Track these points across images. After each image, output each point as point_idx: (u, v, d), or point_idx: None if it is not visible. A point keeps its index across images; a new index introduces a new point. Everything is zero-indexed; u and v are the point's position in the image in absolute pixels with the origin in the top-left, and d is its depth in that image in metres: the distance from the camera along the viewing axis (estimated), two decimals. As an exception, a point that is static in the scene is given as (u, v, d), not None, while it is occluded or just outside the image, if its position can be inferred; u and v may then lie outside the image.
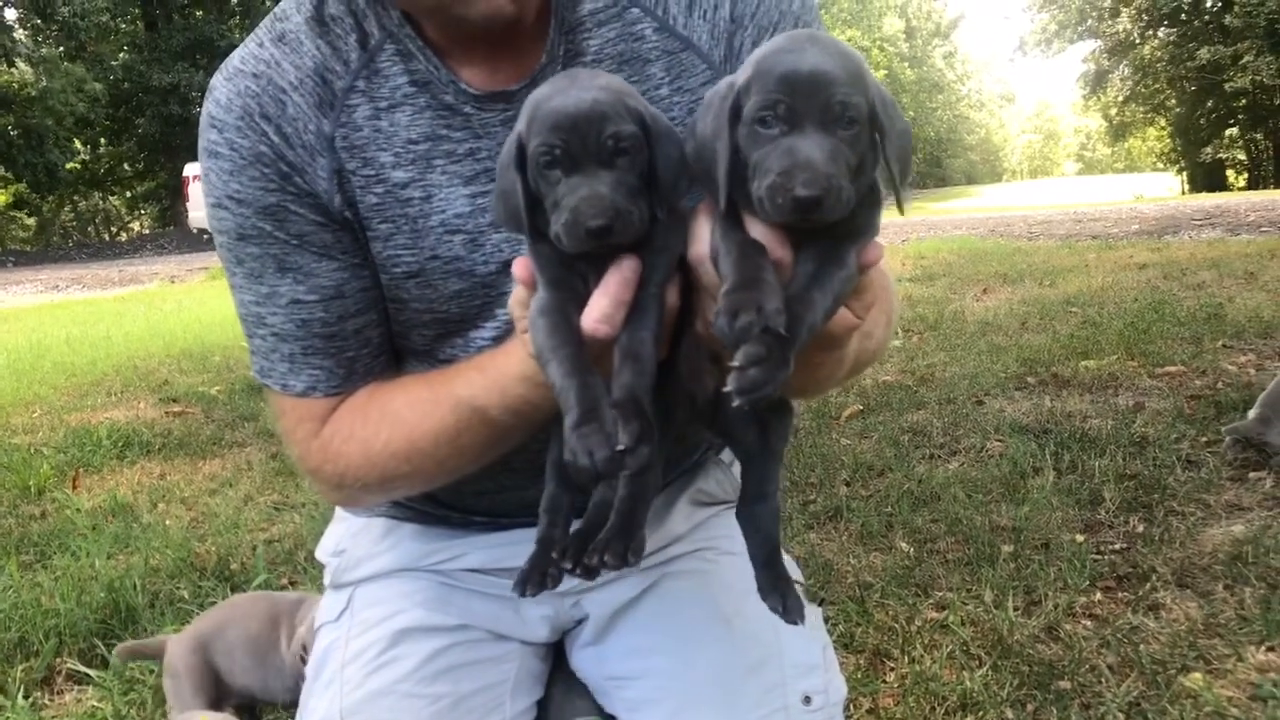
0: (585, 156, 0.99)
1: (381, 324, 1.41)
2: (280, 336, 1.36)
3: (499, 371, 1.22)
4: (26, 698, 2.28)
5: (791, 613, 1.14)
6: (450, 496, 1.56)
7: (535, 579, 1.15)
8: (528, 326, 1.08)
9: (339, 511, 1.75)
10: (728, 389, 0.89)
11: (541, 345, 1.04)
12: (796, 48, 0.95)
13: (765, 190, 0.91)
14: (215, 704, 1.96)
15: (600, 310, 1.00)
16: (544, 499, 1.19)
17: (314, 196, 1.32)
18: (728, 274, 0.95)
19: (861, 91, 0.93)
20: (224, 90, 1.31)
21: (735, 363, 0.89)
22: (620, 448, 0.93)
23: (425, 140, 1.32)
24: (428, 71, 1.30)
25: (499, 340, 1.38)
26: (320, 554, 1.73)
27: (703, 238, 1.04)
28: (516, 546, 1.59)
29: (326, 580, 1.69)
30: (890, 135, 0.97)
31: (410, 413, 1.33)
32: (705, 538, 1.63)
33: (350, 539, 1.67)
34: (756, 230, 0.98)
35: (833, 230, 0.96)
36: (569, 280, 1.04)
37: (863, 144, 0.95)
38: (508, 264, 1.36)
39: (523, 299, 1.10)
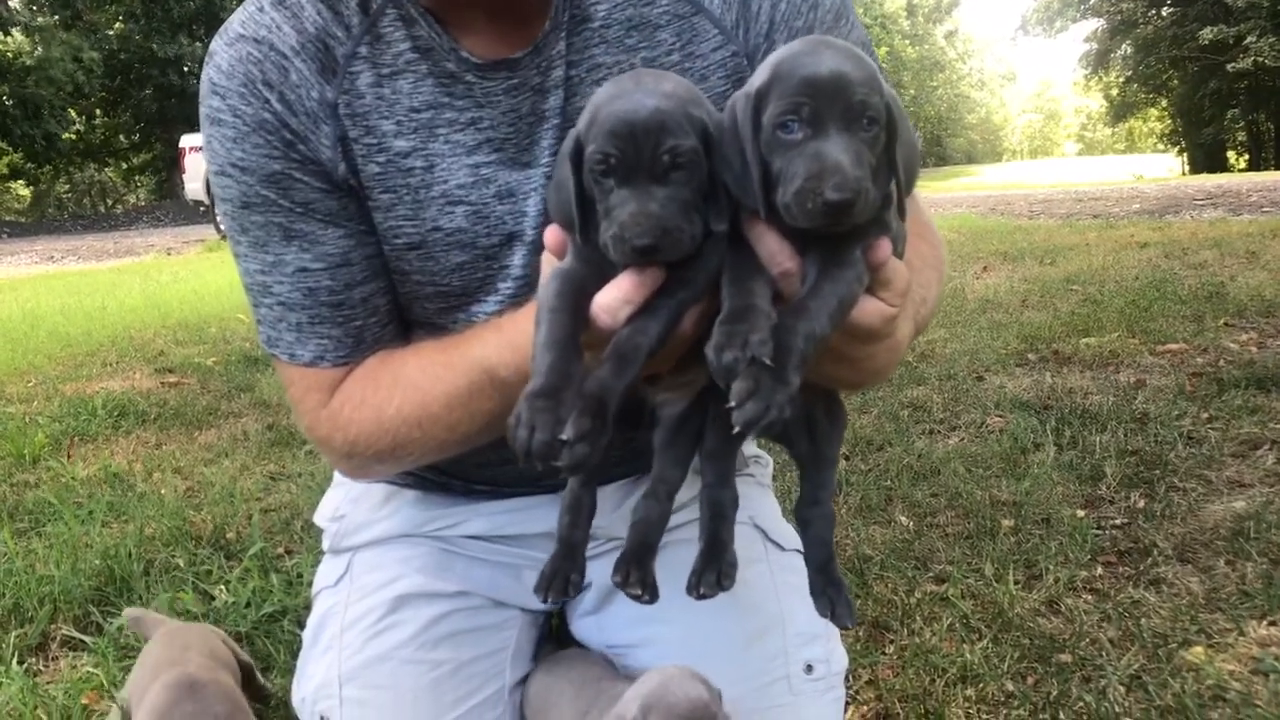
0: (639, 169, 0.95)
1: (389, 292, 1.38)
2: (287, 305, 1.33)
3: (515, 329, 1.19)
4: (21, 664, 2.27)
5: (841, 617, 1.14)
6: (452, 466, 1.54)
7: (559, 585, 1.13)
8: (527, 336, 1.05)
9: (337, 477, 1.73)
10: (735, 429, 0.88)
11: (543, 303, 1.02)
12: (812, 50, 0.94)
13: (793, 196, 0.90)
14: None
15: (608, 298, 0.98)
16: (565, 497, 1.17)
17: (318, 164, 1.29)
18: (723, 301, 0.95)
19: (878, 92, 0.93)
20: (225, 56, 1.28)
21: (731, 401, 0.88)
22: (563, 437, 0.91)
23: (427, 109, 1.29)
24: (429, 38, 1.26)
25: (502, 314, 1.35)
26: (318, 519, 1.72)
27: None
28: (517, 514, 1.59)
29: (325, 545, 1.68)
30: (900, 139, 0.97)
31: (423, 376, 1.30)
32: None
33: (350, 504, 1.65)
34: (765, 242, 0.97)
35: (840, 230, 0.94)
36: (598, 258, 1.01)
37: (880, 145, 0.95)
38: (511, 236, 1.33)
39: (553, 260, 1.08)
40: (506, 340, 1.21)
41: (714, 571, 1.12)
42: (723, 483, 1.16)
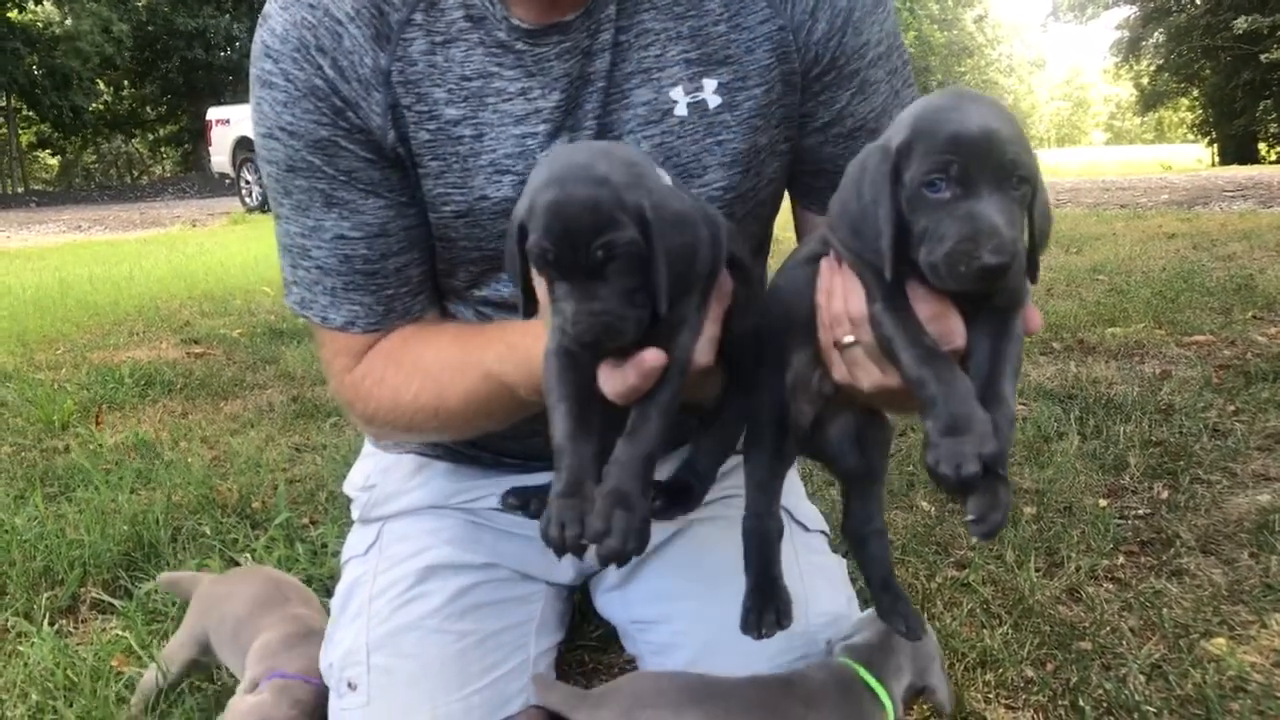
0: (576, 266, 0.93)
1: (423, 263, 1.40)
2: (323, 270, 1.36)
3: (527, 352, 1.19)
4: (51, 625, 2.31)
5: (914, 632, 1.16)
6: (482, 438, 1.56)
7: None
8: (541, 357, 1.06)
9: (368, 447, 1.76)
10: (974, 540, 0.91)
11: (548, 388, 1.03)
12: (957, 105, 0.91)
13: (943, 258, 0.88)
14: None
15: (616, 389, 0.99)
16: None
17: (366, 133, 1.30)
18: (930, 404, 0.91)
19: (1027, 149, 0.90)
20: (279, 19, 1.29)
21: (970, 516, 0.89)
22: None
23: (478, 78, 1.29)
24: (482, 6, 1.27)
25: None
26: (348, 488, 1.74)
27: (829, 289, 1.03)
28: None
29: (354, 514, 1.70)
30: (1039, 196, 0.94)
31: (441, 371, 1.32)
32: (732, 485, 1.62)
33: (380, 474, 1.68)
34: (943, 321, 0.95)
35: (998, 299, 0.94)
36: None
37: (1028, 203, 0.92)
38: None
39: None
40: (520, 360, 1.22)
41: (772, 611, 1.13)
42: (769, 513, 1.16)
